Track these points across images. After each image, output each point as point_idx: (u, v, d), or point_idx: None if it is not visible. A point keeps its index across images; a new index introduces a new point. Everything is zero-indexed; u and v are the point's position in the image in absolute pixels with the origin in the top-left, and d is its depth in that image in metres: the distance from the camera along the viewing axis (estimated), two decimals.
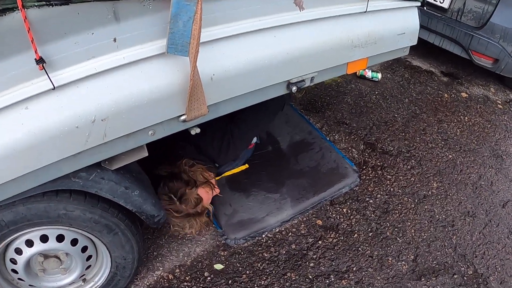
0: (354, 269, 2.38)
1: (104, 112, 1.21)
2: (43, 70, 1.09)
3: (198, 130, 1.56)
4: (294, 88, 1.76)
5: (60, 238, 1.66)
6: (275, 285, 2.21)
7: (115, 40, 1.18)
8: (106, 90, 1.21)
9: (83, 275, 1.86)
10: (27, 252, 1.65)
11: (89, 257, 1.80)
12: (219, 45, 1.41)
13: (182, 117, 1.40)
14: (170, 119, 1.39)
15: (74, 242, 1.70)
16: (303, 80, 1.78)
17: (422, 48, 4.89)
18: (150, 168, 2.04)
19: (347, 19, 1.85)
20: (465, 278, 2.50)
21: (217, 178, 2.59)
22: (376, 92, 3.99)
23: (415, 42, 2.34)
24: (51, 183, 1.36)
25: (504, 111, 4.32)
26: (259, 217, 2.47)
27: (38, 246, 1.64)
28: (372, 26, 1.98)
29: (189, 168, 2.22)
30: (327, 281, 2.29)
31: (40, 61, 1.07)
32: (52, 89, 1.13)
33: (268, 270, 2.28)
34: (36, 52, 1.05)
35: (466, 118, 4.00)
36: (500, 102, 4.47)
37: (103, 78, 1.20)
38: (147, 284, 2.12)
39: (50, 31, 1.07)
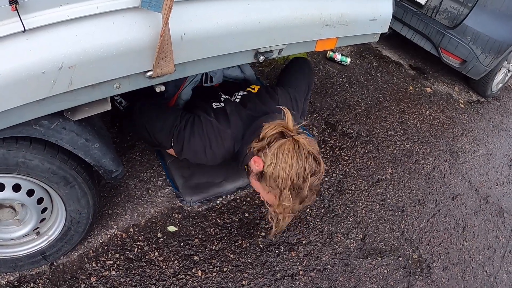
0: (303, 242, 2.46)
1: (72, 60, 1.21)
2: (16, 11, 1.07)
3: (163, 88, 1.57)
4: (261, 58, 1.78)
5: (16, 188, 1.64)
6: (226, 250, 2.27)
7: None
8: (76, 38, 1.20)
9: (37, 228, 1.85)
10: None
11: (44, 210, 1.79)
12: (193, 6, 1.41)
13: (149, 73, 1.40)
14: (136, 74, 1.40)
15: (30, 193, 1.68)
16: (271, 51, 1.81)
17: (394, 40, 5.00)
18: None
19: None
20: (409, 261, 2.63)
21: None
22: (343, 76, 4.07)
23: (386, 30, 2.39)
24: (12, 129, 1.34)
25: (465, 111, 4.48)
26: (216, 181, 2.51)
27: None
28: (345, 8, 2.01)
29: None
30: (277, 251, 2.36)
31: (13, 1, 1.05)
32: (23, 31, 1.11)
33: (220, 236, 2.33)
34: None
35: (428, 112, 4.13)
36: (462, 102, 4.62)
37: (74, 26, 1.20)
38: (100, 241, 2.13)
39: None
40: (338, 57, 4.17)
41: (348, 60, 4.21)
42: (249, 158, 1.90)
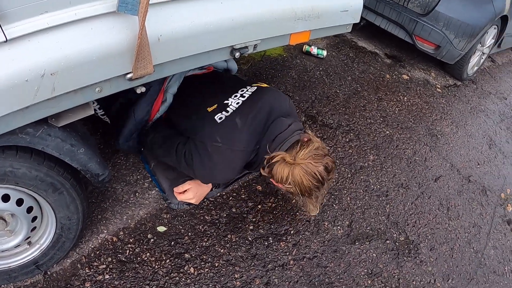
0: (291, 232, 2.51)
1: (54, 67, 1.23)
2: None
3: (143, 89, 1.60)
4: (237, 54, 1.81)
5: (5, 198, 1.64)
6: (216, 246, 2.30)
7: None
8: (57, 45, 1.22)
9: (29, 237, 1.85)
10: None
11: (34, 219, 1.79)
12: (168, 7, 1.45)
13: (129, 75, 1.43)
14: (117, 77, 1.42)
15: (19, 202, 1.69)
16: (247, 47, 1.84)
17: (368, 30, 5.08)
18: None
19: None
20: (397, 243, 2.70)
21: None
22: (320, 69, 4.13)
23: (357, 20, 2.44)
24: None
25: (443, 95, 4.58)
26: None
27: None
28: (316, 1, 2.06)
29: None
30: (266, 243, 2.40)
31: None
32: (4, 41, 1.13)
33: (209, 232, 2.36)
34: None
35: (406, 98, 4.21)
36: (439, 86, 4.72)
37: (54, 33, 1.22)
38: (92, 247, 2.14)
39: None
40: (314, 50, 4.22)
41: (325, 52, 4.27)
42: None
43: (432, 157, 3.58)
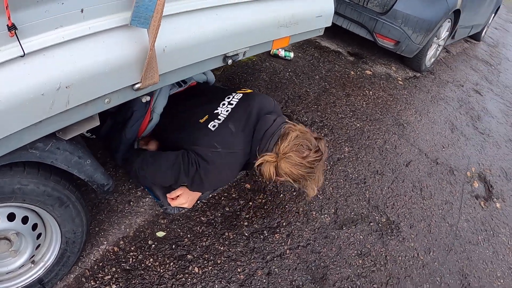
0: (284, 224, 2.63)
1: (69, 80, 1.27)
2: (15, 36, 1.10)
3: (148, 98, 1.68)
4: (229, 61, 1.93)
5: (10, 217, 1.62)
6: (216, 244, 2.39)
7: (82, 11, 1.25)
8: (71, 58, 1.27)
9: (33, 256, 1.81)
10: None
11: (39, 236, 1.76)
12: (171, 20, 1.53)
13: (137, 85, 1.49)
14: (125, 87, 1.48)
15: (24, 220, 1.67)
16: (237, 54, 1.96)
17: (330, 30, 5.24)
18: None
19: (275, 2, 2.09)
20: (379, 225, 2.86)
21: None
22: (289, 70, 4.28)
23: (330, 24, 2.65)
24: (9, 156, 1.33)
25: (404, 87, 4.81)
26: None
27: None
28: (295, 9, 2.23)
29: None
30: (262, 237, 2.51)
31: (12, 27, 1.08)
32: (22, 56, 1.15)
33: (207, 232, 2.44)
34: (9, 18, 1.06)
35: (371, 92, 4.41)
36: (400, 79, 4.95)
37: (69, 47, 1.26)
38: (94, 259, 2.14)
39: None
40: (282, 53, 4.37)
41: (292, 54, 4.42)
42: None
43: (401, 144, 3.79)
